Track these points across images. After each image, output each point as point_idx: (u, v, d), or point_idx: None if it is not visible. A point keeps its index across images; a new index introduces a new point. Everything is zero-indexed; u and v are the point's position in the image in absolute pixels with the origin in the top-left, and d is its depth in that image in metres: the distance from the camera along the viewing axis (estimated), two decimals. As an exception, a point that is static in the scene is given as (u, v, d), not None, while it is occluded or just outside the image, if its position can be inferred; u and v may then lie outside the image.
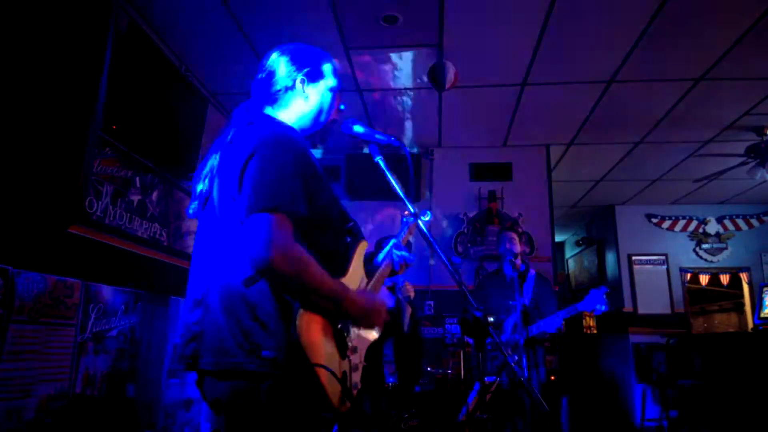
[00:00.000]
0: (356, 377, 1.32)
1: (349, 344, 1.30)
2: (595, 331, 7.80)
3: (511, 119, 4.72)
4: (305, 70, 1.45)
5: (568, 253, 9.01)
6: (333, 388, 1.16)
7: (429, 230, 1.51)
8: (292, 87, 1.43)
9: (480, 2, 3.13)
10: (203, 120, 3.78)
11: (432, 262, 5.07)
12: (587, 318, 8.02)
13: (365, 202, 5.20)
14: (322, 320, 1.21)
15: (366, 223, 5.13)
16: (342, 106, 1.55)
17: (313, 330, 1.17)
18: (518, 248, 3.44)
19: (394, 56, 3.74)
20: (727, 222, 6.89)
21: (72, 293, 2.72)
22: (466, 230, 5.13)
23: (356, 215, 1.56)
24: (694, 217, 6.93)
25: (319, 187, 1.30)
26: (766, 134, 4.73)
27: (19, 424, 2.35)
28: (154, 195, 3.49)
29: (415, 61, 3.78)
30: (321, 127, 1.51)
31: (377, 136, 1.52)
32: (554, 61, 3.73)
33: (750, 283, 6.70)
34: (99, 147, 2.93)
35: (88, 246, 2.85)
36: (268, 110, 1.44)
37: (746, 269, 6.75)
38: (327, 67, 1.49)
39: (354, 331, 1.34)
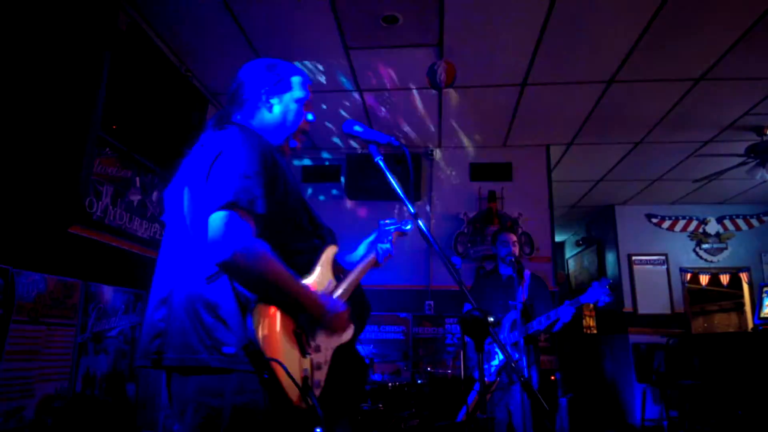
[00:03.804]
0: (319, 375, 1.33)
1: (312, 343, 1.31)
2: (595, 331, 7.80)
3: (511, 119, 4.72)
4: (272, 81, 1.53)
5: (568, 253, 9.01)
6: (289, 384, 1.18)
7: (429, 230, 1.51)
8: (258, 97, 1.51)
9: (480, 2, 3.13)
10: (203, 120, 3.78)
11: (431, 262, 5.07)
12: (587, 318, 8.01)
13: (365, 202, 5.21)
14: (281, 316, 1.24)
15: (366, 222, 5.13)
16: (310, 116, 1.58)
17: (268, 325, 1.21)
18: (517, 250, 3.49)
19: (394, 56, 3.74)
20: (727, 222, 6.89)
21: (72, 293, 2.72)
22: (466, 230, 5.13)
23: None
24: (694, 217, 6.93)
25: (286, 191, 1.37)
26: (766, 134, 4.73)
27: (20, 424, 2.35)
28: (154, 195, 3.48)
29: (415, 61, 3.78)
30: (287, 136, 1.55)
31: (377, 136, 1.53)
32: (554, 61, 3.73)
33: (750, 283, 6.70)
34: (99, 147, 2.93)
35: (88, 246, 2.86)
36: (238, 118, 1.50)
37: (746, 269, 6.75)
38: (295, 80, 1.56)
39: (319, 330, 1.35)
